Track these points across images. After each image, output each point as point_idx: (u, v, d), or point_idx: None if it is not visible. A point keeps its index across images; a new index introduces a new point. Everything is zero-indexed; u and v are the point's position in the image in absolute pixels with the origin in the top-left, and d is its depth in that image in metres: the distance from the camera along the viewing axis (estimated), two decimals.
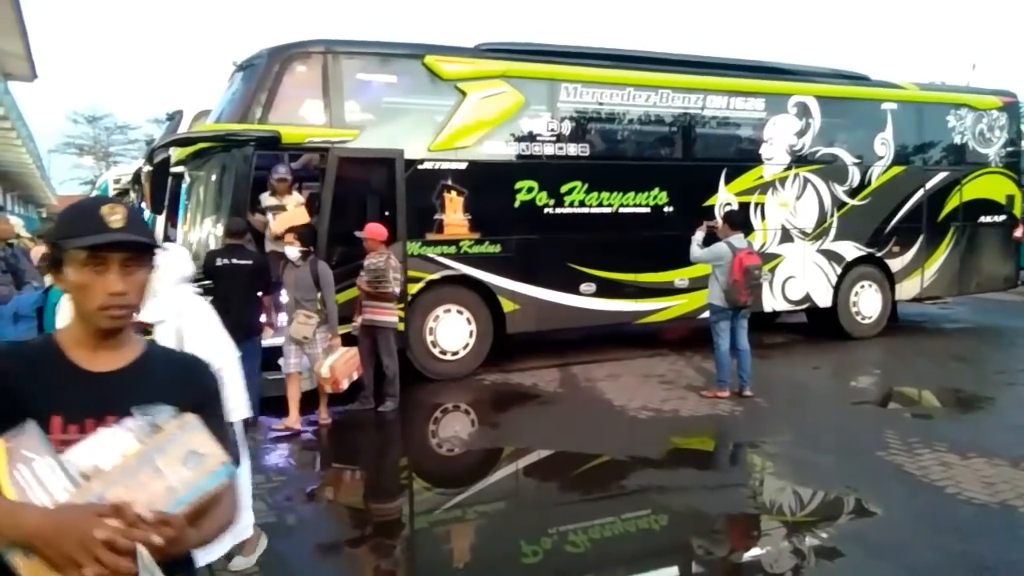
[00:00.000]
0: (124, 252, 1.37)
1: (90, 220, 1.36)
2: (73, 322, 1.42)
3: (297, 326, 6.29)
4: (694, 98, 9.29)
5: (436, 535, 4.69)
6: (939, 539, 4.06)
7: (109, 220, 1.36)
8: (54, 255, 1.40)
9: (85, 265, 1.35)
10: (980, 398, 7.38)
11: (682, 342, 9.91)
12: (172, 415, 1.32)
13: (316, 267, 6.42)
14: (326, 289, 6.46)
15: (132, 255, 1.39)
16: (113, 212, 1.37)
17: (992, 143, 11.34)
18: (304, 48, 7.58)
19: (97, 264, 1.35)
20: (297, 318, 6.29)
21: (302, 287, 6.39)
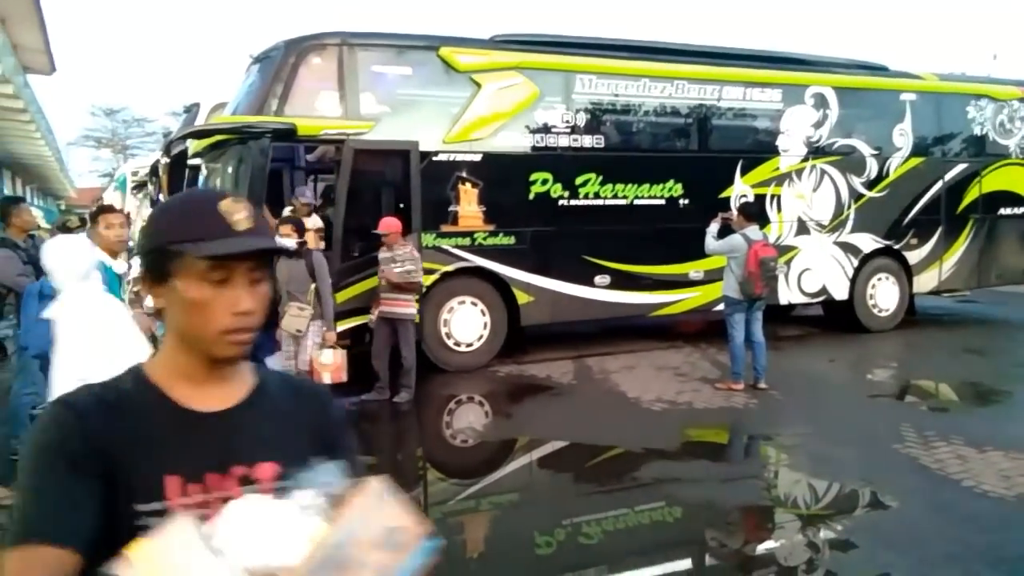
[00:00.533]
0: (251, 261, 1.09)
1: (211, 220, 1.07)
2: (171, 351, 1.12)
3: (290, 319, 6.13)
4: (710, 89, 9.24)
5: (450, 525, 4.71)
6: (955, 532, 4.04)
7: (234, 220, 1.08)
8: (156, 264, 1.09)
9: (205, 278, 1.06)
10: (997, 391, 7.31)
11: (697, 334, 9.89)
12: (345, 477, 1.03)
13: (311, 259, 6.30)
14: (322, 282, 6.32)
15: (258, 264, 1.11)
16: (236, 209, 1.09)
17: (1013, 134, 11.20)
18: (320, 40, 7.60)
19: (221, 276, 1.07)
20: (289, 311, 6.11)
21: (296, 279, 6.22)
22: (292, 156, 8.88)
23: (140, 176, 11.93)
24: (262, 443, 1.12)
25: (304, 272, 6.19)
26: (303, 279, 6.20)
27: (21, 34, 13.38)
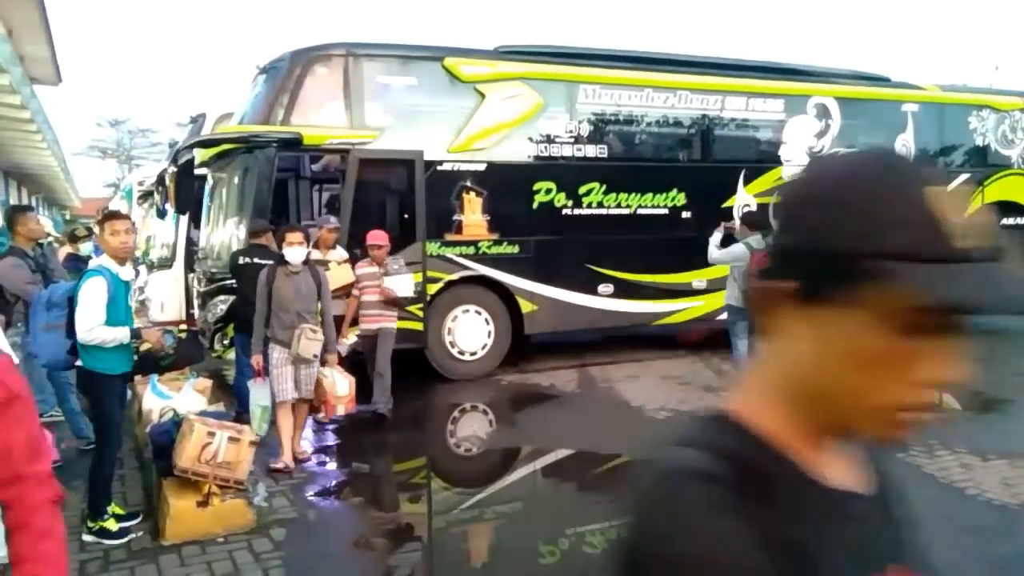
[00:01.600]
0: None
1: (921, 220, 0.68)
2: (782, 401, 0.76)
3: (306, 343, 5.36)
4: (713, 99, 9.29)
5: (454, 534, 4.72)
6: (960, 539, 4.04)
7: (957, 228, 0.68)
8: (822, 274, 0.71)
9: (901, 323, 0.68)
10: (1000, 400, 7.31)
11: (700, 344, 9.89)
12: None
13: (317, 273, 5.66)
14: (328, 299, 5.72)
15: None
16: (954, 206, 0.69)
17: (1015, 144, 11.24)
18: (325, 51, 7.67)
19: (928, 325, 0.68)
20: (304, 334, 5.36)
21: (304, 297, 5.49)
22: (298, 166, 8.94)
23: (146, 186, 11.97)
24: (901, 541, 0.84)
25: (313, 288, 5.55)
26: (311, 296, 5.54)
27: (28, 45, 13.48)
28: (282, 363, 5.42)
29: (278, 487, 5.03)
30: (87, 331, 3.97)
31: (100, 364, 4.10)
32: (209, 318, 7.70)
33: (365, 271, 6.64)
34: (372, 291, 6.56)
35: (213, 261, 8.16)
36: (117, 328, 4.05)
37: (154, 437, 4.61)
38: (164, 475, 4.42)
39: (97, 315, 3.97)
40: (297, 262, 5.45)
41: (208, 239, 8.63)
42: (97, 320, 3.97)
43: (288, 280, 5.47)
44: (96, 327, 3.97)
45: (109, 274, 4.12)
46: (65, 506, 4.37)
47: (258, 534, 4.24)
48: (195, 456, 4.19)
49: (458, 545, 4.55)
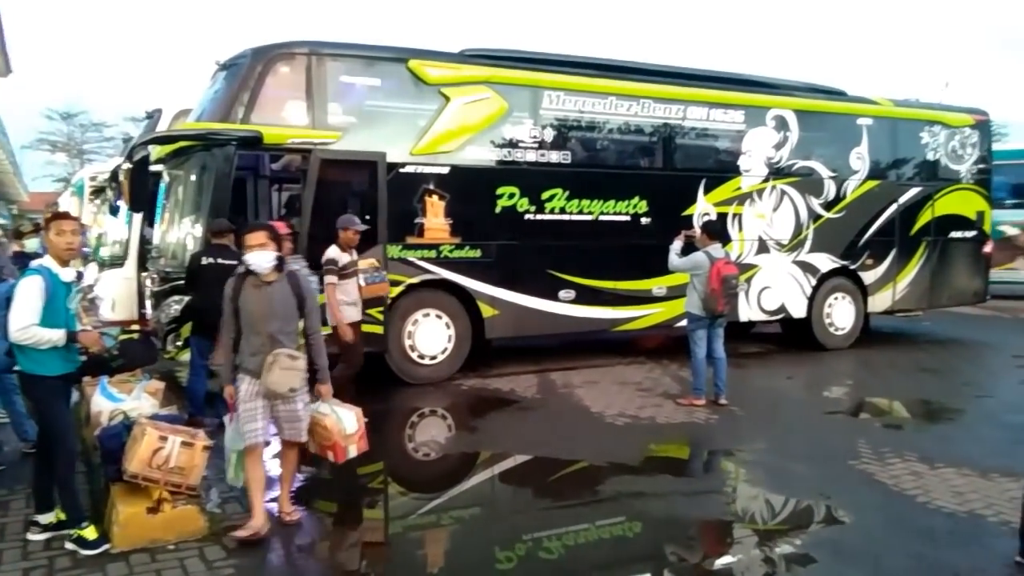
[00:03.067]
0: None
1: None
2: None
3: (280, 374, 4.16)
4: (675, 109, 9.39)
5: (411, 540, 4.68)
6: (911, 547, 4.13)
7: None
8: None
9: None
10: (949, 409, 7.52)
11: (658, 350, 9.98)
12: None
13: (298, 282, 4.37)
14: (314, 315, 4.44)
15: None
16: None
17: (964, 160, 11.57)
18: (288, 49, 7.56)
19: None
20: (278, 362, 4.15)
21: (280, 313, 4.27)
22: (257, 165, 8.79)
23: (99, 182, 11.68)
24: None
25: (291, 301, 4.30)
26: (290, 313, 4.32)
27: None
28: (251, 396, 4.26)
29: (231, 493, 4.91)
30: (18, 331, 3.83)
31: (36, 366, 3.96)
32: (162, 318, 7.52)
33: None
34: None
35: (168, 260, 7.98)
36: (52, 330, 3.90)
37: (103, 441, 4.47)
38: (113, 480, 4.30)
39: (29, 315, 3.83)
40: (264, 269, 4.23)
41: (163, 238, 8.44)
42: (29, 320, 3.83)
43: (257, 293, 4.26)
44: (28, 327, 3.83)
45: (49, 274, 3.98)
46: (7, 510, 4.25)
47: (210, 542, 4.14)
48: (146, 461, 4.07)
49: (415, 550, 4.50)
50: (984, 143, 11.85)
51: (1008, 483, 5.04)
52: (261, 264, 4.21)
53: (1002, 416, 7.02)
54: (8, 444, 5.87)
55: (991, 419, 6.96)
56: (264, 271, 4.21)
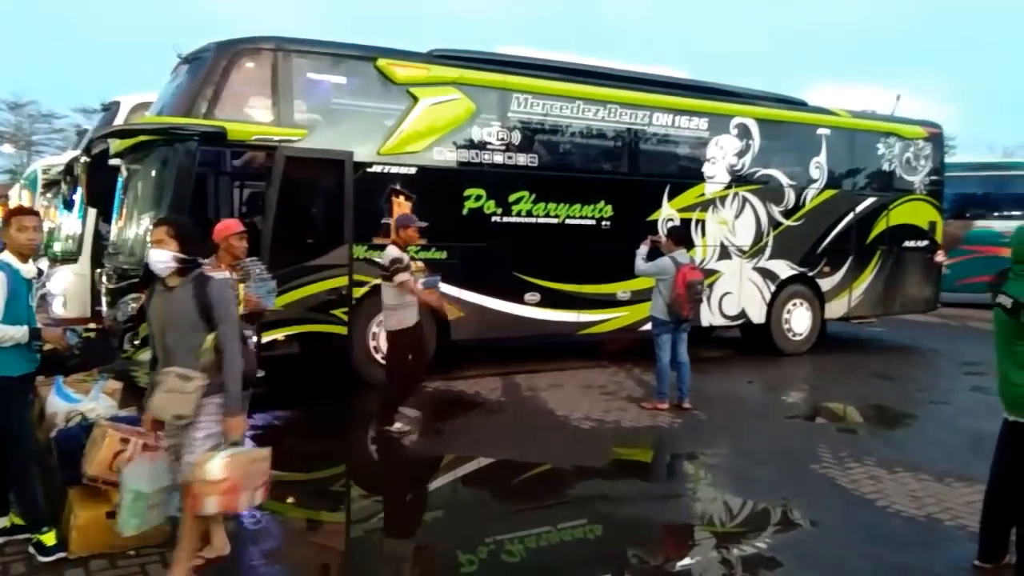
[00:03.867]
0: None
1: None
2: None
3: (163, 397, 3.53)
4: (641, 115, 9.47)
5: (373, 543, 4.64)
6: (872, 550, 4.22)
7: None
8: None
9: None
10: (904, 415, 7.70)
11: (623, 354, 10.05)
12: None
13: (207, 290, 3.58)
14: (228, 329, 3.61)
15: None
16: None
17: (917, 171, 11.88)
18: (254, 44, 7.43)
19: None
20: (165, 382, 3.53)
21: (178, 325, 3.59)
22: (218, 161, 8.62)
23: (52, 175, 11.35)
24: None
25: (192, 312, 3.55)
26: (190, 323, 3.56)
27: None
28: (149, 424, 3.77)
29: None
30: None
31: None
32: (119, 317, 7.32)
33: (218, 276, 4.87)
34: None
35: (125, 257, 7.77)
36: (15, 327, 3.78)
37: (61, 443, 4.34)
38: (70, 484, 4.16)
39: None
40: (157, 269, 3.60)
41: (120, 234, 8.22)
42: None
43: (159, 300, 3.68)
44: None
45: (10, 270, 3.85)
46: None
47: (172, 547, 4.02)
48: (107, 464, 3.95)
49: (377, 554, 4.46)
50: (937, 155, 12.18)
51: (963, 488, 5.18)
52: (155, 263, 3.61)
53: (956, 422, 7.22)
54: None
55: (945, 425, 7.16)
56: (158, 271, 3.63)
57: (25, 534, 3.99)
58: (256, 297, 4.86)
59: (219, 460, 3.46)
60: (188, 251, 3.63)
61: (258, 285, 4.93)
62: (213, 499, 3.49)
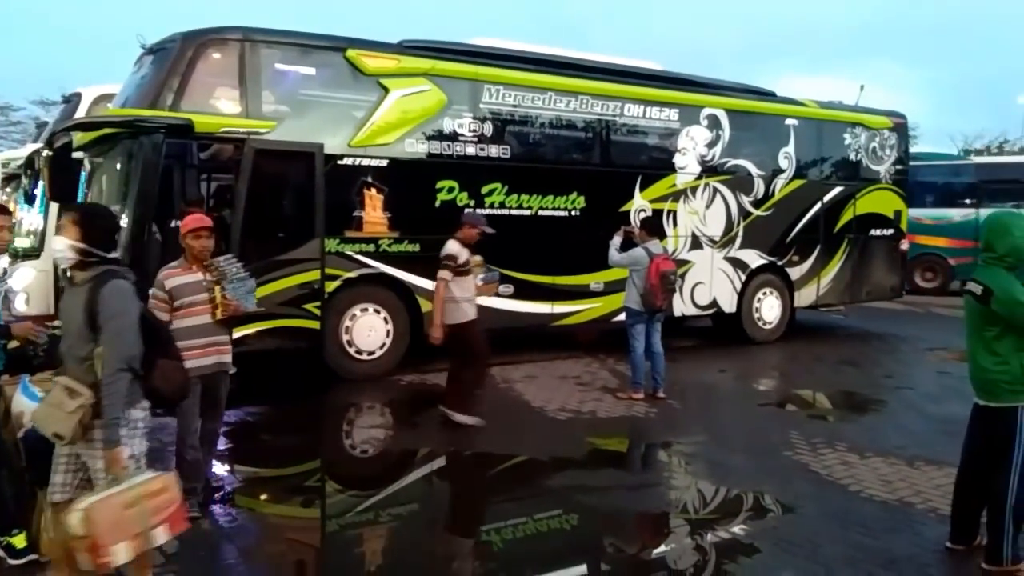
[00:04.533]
0: None
1: None
2: None
3: (45, 411, 3.19)
4: (612, 105, 9.48)
5: (348, 538, 4.61)
6: (847, 535, 4.28)
7: None
8: None
9: None
10: (873, 400, 7.83)
11: (597, 344, 10.08)
12: None
13: (100, 290, 3.07)
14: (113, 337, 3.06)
15: None
16: None
17: (883, 161, 12.07)
18: (220, 34, 7.30)
19: None
20: (51, 394, 3.18)
21: (72, 330, 3.15)
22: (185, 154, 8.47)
23: (12, 168, 11.05)
24: None
25: (80, 313, 3.08)
26: (77, 327, 3.10)
27: None
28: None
29: None
30: None
31: None
32: None
33: (183, 280, 4.32)
34: (200, 309, 4.33)
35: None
36: None
37: (28, 443, 4.22)
38: (40, 485, 4.06)
39: None
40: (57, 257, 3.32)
41: None
42: None
43: (65, 296, 3.32)
44: None
45: None
46: None
47: None
48: None
49: (353, 549, 4.43)
50: (902, 145, 12.40)
51: (933, 471, 5.28)
52: (54, 252, 3.34)
53: (923, 407, 7.35)
54: None
55: (913, 409, 7.28)
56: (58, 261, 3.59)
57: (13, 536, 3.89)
58: (235, 300, 4.46)
59: (77, 513, 2.92)
60: (92, 241, 3.15)
61: (235, 286, 4.48)
62: (83, 556, 2.98)
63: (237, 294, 4.46)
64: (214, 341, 4.41)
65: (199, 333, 4.31)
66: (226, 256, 4.69)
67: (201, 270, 4.39)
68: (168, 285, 4.29)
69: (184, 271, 4.37)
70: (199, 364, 4.25)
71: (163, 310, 4.23)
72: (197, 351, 4.26)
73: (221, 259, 4.55)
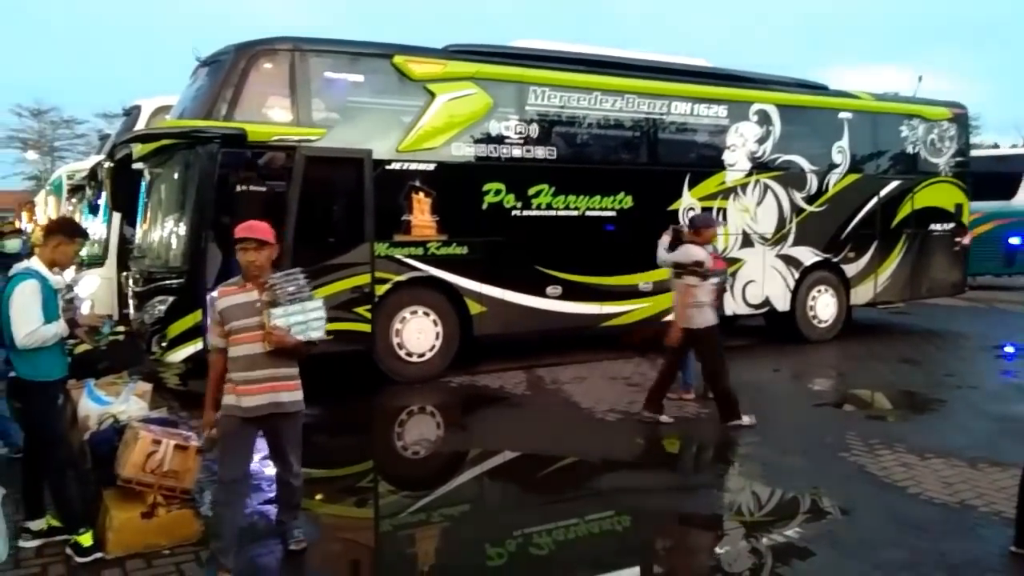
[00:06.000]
0: None
1: None
2: None
3: None
4: (659, 104, 9.41)
5: (401, 538, 4.66)
6: (906, 538, 4.17)
7: None
8: None
9: None
10: (933, 400, 7.60)
11: (647, 345, 10.00)
12: None
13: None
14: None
15: None
16: None
17: (942, 153, 11.71)
18: (271, 45, 7.47)
19: None
20: None
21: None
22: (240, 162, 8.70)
23: (77, 180, 11.50)
24: None
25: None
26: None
27: None
28: None
29: None
30: (28, 335, 3.75)
31: (36, 372, 3.90)
32: (146, 319, 7.41)
33: (235, 300, 3.71)
34: (251, 336, 3.66)
35: (151, 260, 7.87)
36: (54, 323, 3.88)
37: (94, 445, 4.41)
38: (105, 485, 4.23)
39: (36, 319, 3.78)
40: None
41: (145, 237, 8.31)
42: (36, 324, 3.77)
43: None
44: (38, 329, 3.77)
45: (40, 278, 3.92)
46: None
47: (206, 545, 4.08)
48: (140, 465, 4.01)
49: (406, 549, 4.49)
50: (962, 136, 12.00)
51: (997, 473, 5.11)
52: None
53: (986, 406, 7.12)
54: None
55: (975, 410, 7.05)
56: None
57: (62, 536, 4.05)
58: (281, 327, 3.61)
59: None
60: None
61: (288, 310, 3.65)
62: None
63: (289, 320, 3.65)
64: (271, 376, 3.67)
65: (252, 364, 3.64)
66: (285, 272, 3.81)
67: (257, 288, 3.71)
68: (220, 306, 3.73)
69: (239, 290, 3.74)
70: (250, 404, 3.64)
71: (216, 333, 3.76)
72: (251, 386, 3.64)
73: (278, 275, 3.76)
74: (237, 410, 3.66)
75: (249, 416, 3.66)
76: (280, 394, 3.71)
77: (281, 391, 3.72)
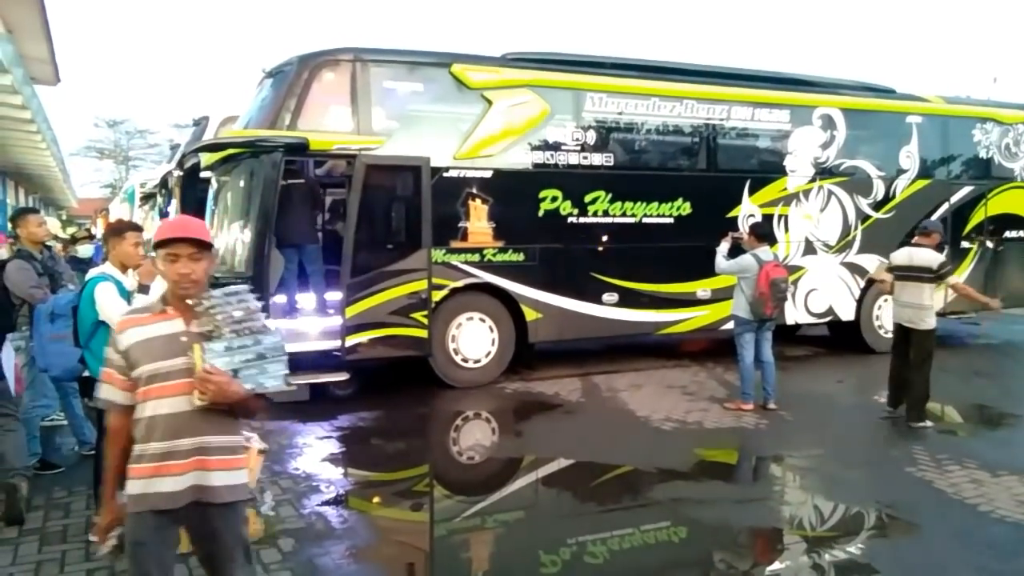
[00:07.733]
0: None
1: None
2: None
3: None
4: (719, 109, 9.28)
5: (455, 543, 4.68)
6: (975, 558, 4.01)
7: None
8: None
9: None
10: (1007, 415, 7.30)
11: (703, 353, 9.87)
12: None
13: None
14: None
15: None
16: None
17: (1018, 157, 11.26)
18: (333, 56, 7.63)
19: None
20: None
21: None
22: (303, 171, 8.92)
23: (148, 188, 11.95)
24: None
25: None
26: None
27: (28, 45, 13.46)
28: None
29: (284, 496, 4.97)
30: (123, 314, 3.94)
31: None
32: None
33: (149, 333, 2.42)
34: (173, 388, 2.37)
35: (217, 265, 8.10)
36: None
37: None
38: None
39: (121, 306, 3.93)
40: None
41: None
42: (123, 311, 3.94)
43: None
44: None
45: (113, 280, 4.11)
46: (68, 512, 4.34)
47: (266, 544, 4.18)
48: None
49: (460, 554, 4.51)
50: None
51: None
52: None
53: None
54: (66, 446, 6.02)
55: None
56: None
57: None
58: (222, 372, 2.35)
59: None
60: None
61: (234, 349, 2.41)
62: None
63: (235, 360, 2.40)
64: (198, 446, 2.38)
65: (174, 429, 2.36)
66: (227, 290, 2.48)
67: (183, 315, 2.46)
68: (123, 342, 2.43)
69: (154, 317, 2.46)
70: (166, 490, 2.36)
71: (118, 384, 2.45)
72: (171, 463, 2.36)
73: (217, 293, 2.47)
74: (150, 500, 2.36)
75: (164, 508, 2.36)
76: (211, 474, 2.39)
77: (213, 469, 2.40)
